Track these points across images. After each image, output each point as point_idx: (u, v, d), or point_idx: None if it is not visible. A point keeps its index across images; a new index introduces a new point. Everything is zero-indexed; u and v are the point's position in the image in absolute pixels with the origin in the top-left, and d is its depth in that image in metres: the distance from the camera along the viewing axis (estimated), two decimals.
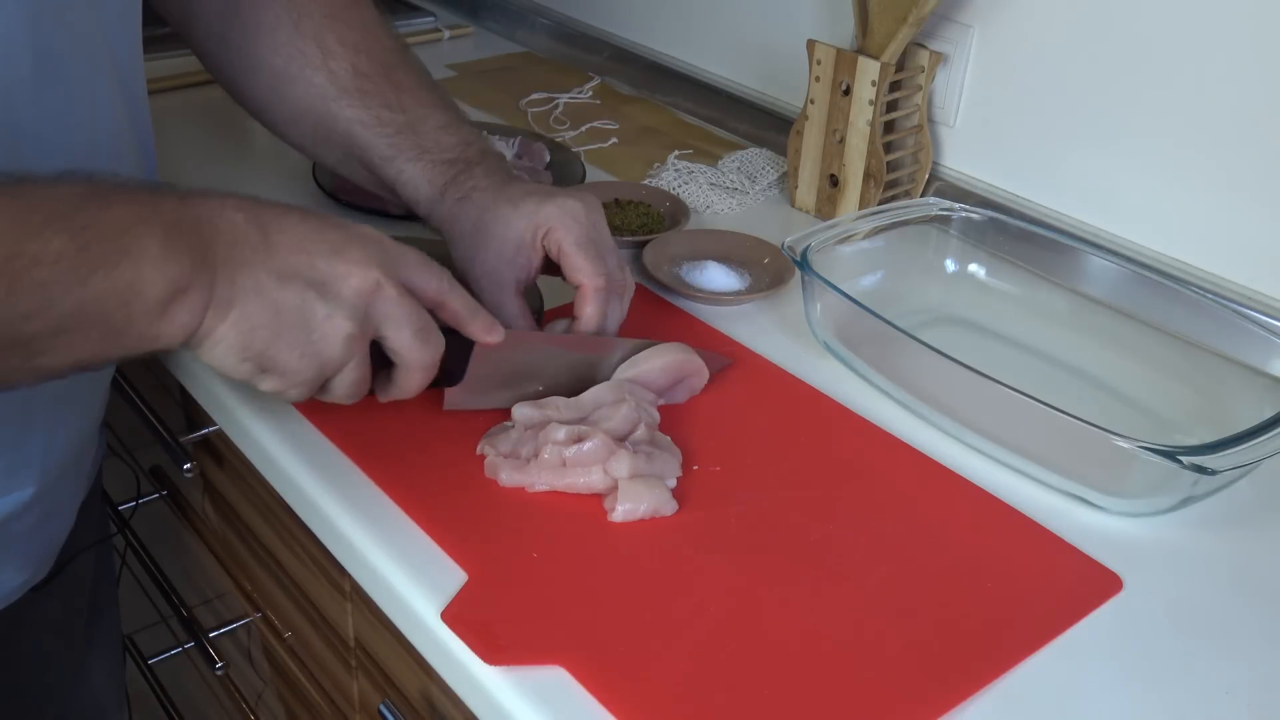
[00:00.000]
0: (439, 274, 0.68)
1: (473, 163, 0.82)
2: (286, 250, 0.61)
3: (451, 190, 0.80)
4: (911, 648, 0.62)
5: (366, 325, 0.64)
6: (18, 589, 0.78)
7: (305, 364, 0.63)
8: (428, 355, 0.66)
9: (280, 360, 0.62)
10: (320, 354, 0.63)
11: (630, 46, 1.41)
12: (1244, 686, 0.62)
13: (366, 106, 0.82)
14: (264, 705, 1.09)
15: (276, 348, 0.61)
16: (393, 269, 0.64)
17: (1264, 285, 0.90)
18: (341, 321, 0.62)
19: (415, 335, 0.65)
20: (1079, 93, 0.98)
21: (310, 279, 0.61)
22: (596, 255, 0.77)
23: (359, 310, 0.63)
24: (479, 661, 0.60)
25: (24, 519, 0.74)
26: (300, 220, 0.63)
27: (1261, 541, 0.73)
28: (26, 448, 0.72)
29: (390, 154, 0.82)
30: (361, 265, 0.63)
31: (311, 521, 0.73)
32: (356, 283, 0.62)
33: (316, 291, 0.62)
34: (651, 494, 0.69)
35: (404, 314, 0.64)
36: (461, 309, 0.69)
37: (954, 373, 0.74)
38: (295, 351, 0.62)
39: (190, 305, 0.58)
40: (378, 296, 0.63)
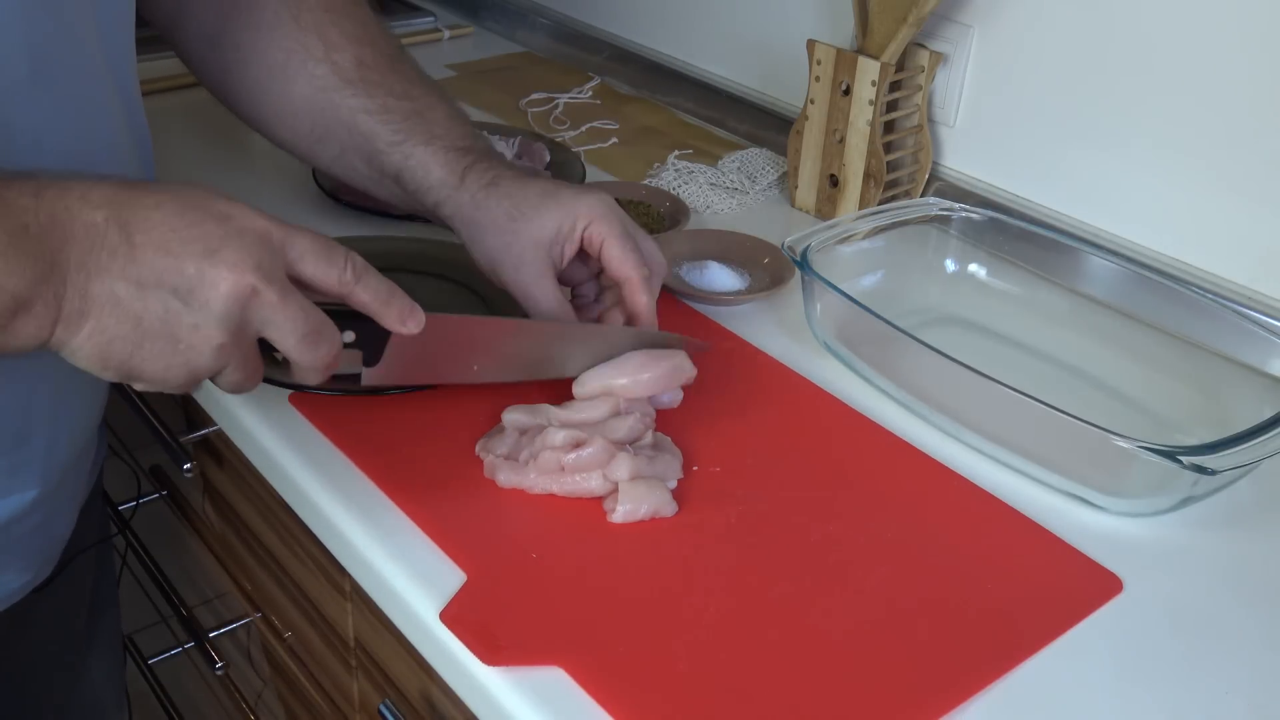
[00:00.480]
0: (341, 263, 0.62)
1: (486, 154, 0.81)
2: (151, 253, 0.56)
3: (473, 175, 0.79)
4: (911, 648, 0.62)
5: (243, 331, 0.59)
6: (19, 590, 0.78)
7: (174, 373, 0.58)
8: (319, 358, 0.61)
9: (145, 371, 0.58)
10: (189, 363, 0.58)
11: (630, 46, 1.41)
12: (1244, 686, 0.62)
13: (371, 95, 0.81)
14: (264, 705, 1.09)
15: (139, 359, 0.57)
16: (276, 268, 0.59)
17: (1264, 285, 0.90)
18: (211, 332, 0.57)
19: (301, 340, 0.60)
20: (1079, 92, 0.98)
21: (176, 286, 0.56)
22: (634, 247, 0.77)
23: (231, 318, 0.57)
24: (479, 662, 0.60)
25: (27, 520, 0.74)
26: (175, 214, 0.57)
27: (1261, 541, 0.73)
28: (28, 448, 0.72)
29: (397, 139, 0.80)
30: (235, 269, 0.57)
31: (311, 521, 0.73)
32: (227, 288, 0.57)
33: (182, 300, 0.56)
34: (652, 495, 0.69)
35: (286, 319, 0.59)
36: (370, 299, 0.64)
37: (954, 373, 0.74)
38: (160, 363, 0.57)
39: (36, 319, 0.54)
40: (253, 302, 0.58)
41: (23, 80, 0.61)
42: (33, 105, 0.62)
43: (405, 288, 0.90)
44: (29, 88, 0.62)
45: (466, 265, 0.92)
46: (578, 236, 0.77)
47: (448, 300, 0.90)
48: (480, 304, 0.89)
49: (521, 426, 0.73)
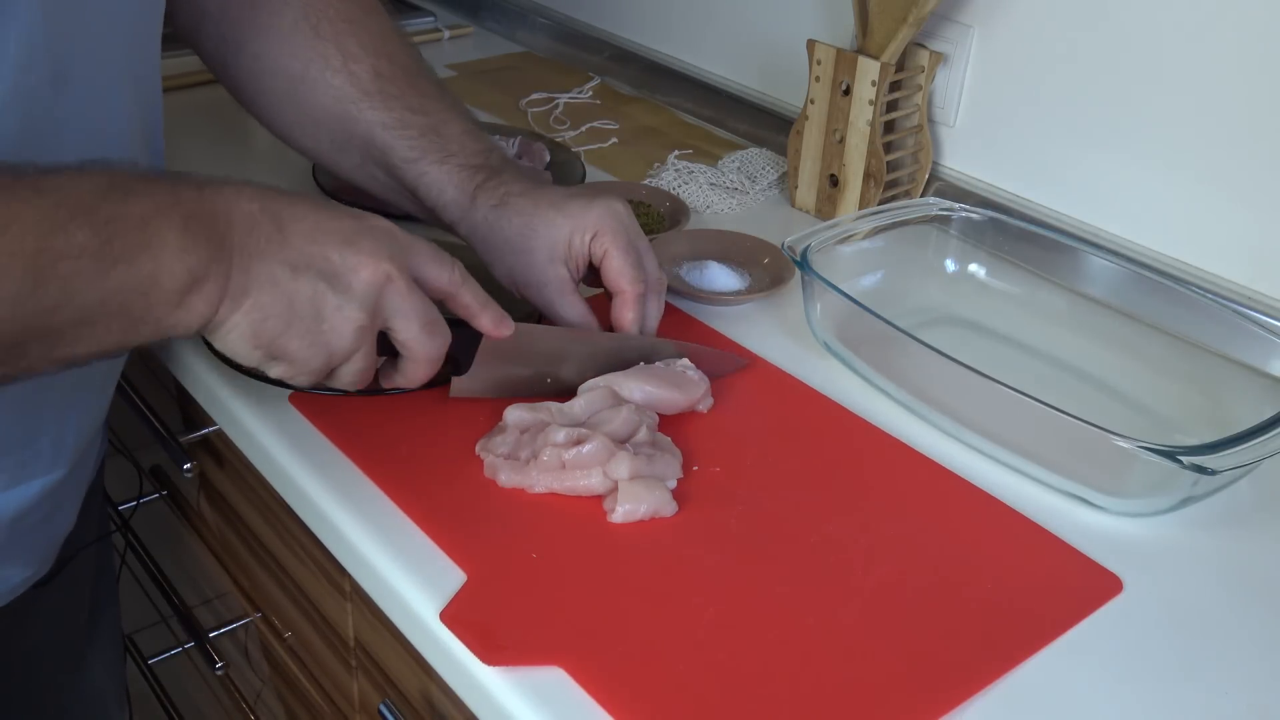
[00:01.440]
0: (450, 266, 0.68)
1: (498, 169, 0.82)
2: (300, 240, 0.62)
3: (484, 195, 0.80)
4: (911, 648, 0.62)
5: (376, 317, 0.65)
6: (20, 585, 0.78)
7: (314, 353, 0.63)
8: (434, 349, 0.67)
9: (290, 349, 0.63)
10: (329, 344, 0.63)
11: (630, 46, 1.41)
12: (1243, 686, 0.62)
13: (389, 108, 0.82)
14: (263, 705, 1.09)
15: (287, 337, 0.62)
16: (403, 261, 0.65)
17: (1264, 285, 0.90)
18: (352, 313, 0.63)
19: (423, 329, 0.66)
20: (1079, 93, 0.98)
21: (323, 270, 0.62)
22: (637, 261, 0.79)
23: (369, 302, 0.64)
24: (479, 662, 0.60)
25: (32, 514, 0.75)
26: (314, 210, 0.64)
27: (1261, 541, 0.73)
28: (38, 444, 0.72)
29: (413, 156, 0.81)
30: (373, 257, 0.63)
31: (311, 521, 0.73)
32: (368, 275, 0.63)
33: (328, 283, 0.62)
34: (652, 495, 0.69)
35: (412, 307, 0.65)
36: (472, 301, 0.70)
37: (954, 373, 0.74)
38: (305, 341, 0.63)
39: (207, 295, 0.59)
40: (388, 289, 0.64)
41: (45, 80, 0.62)
42: (55, 109, 0.63)
43: None
44: (52, 94, 0.63)
45: (466, 265, 0.92)
46: (587, 247, 0.78)
47: None
48: None
49: (524, 425, 0.73)
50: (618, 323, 0.79)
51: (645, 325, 0.80)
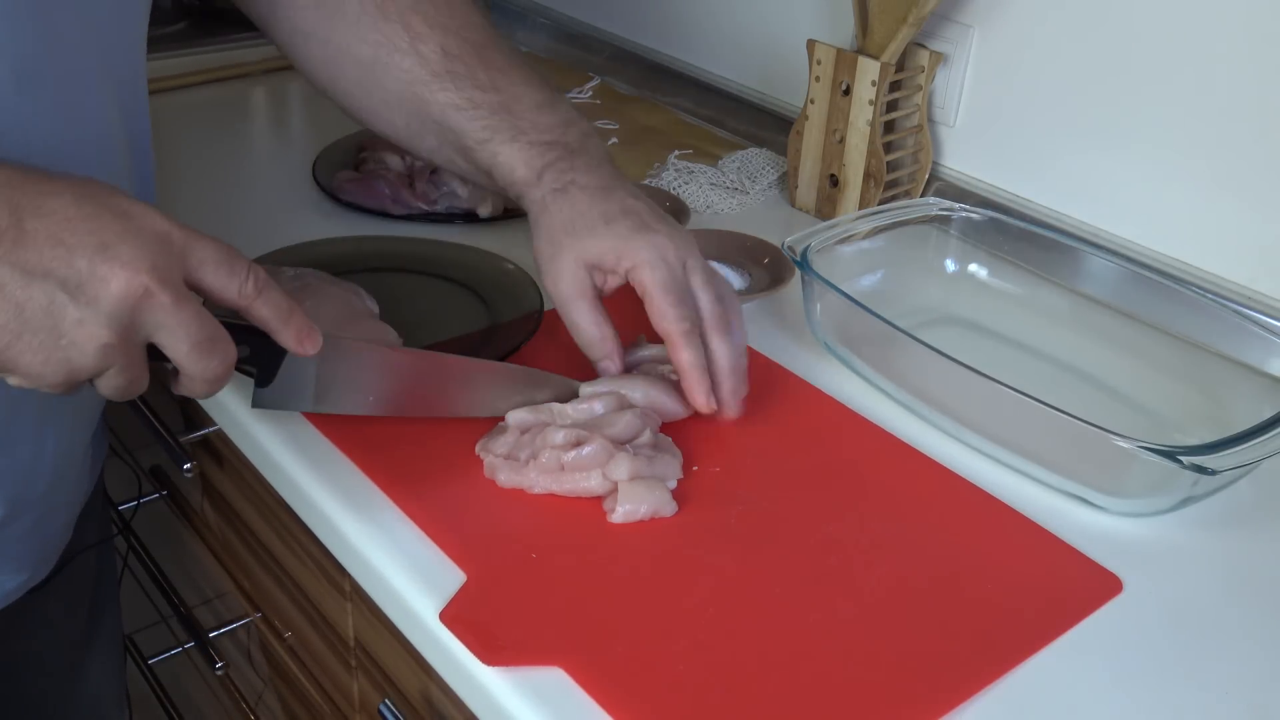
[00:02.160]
0: (242, 274, 0.60)
1: (574, 150, 0.79)
2: (41, 241, 0.54)
3: (550, 175, 0.77)
4: (911, 648, 0.62)
5: (131, 333, 0.56)
6: (15, 590, 0.78)
7: (51, 369, 0.56)
8: (210, 369, 0.59)
9: (21, 363, 0.55)
10: (70, 360, 0.55)
11: (630, 46, 1.41)
12: (1243, 686, 0.62)
13: (459, 89, 0.79)
14: (264, 705, 1.09)
15: (16, 350, 0.54)
16: (173, 271, 0.56)
17: (1264, 285, 0.90)
18: (95, 330, 0.55)
19: (193, 349, 0.58)
20: (1079, 92, 0.98)
21: (64, 278, 0.54)
22: (680, 300, 0.74)
23: (119, 318, 0.55)
24: (478, 662, 0.60)
25: (17, 522, 0.74)
26: (71, 204, 0.55)
27: (1261, 541, 0.73)
28: (12, 454, 0.71)
29: (485, 136, 0.79)
30: (129, 268, 0.54)
31: (311, 521, 0.73)
32: (118, 287, 0.54)
33: (69, 294, 0.54)
34: (652, 495, 0.69)
35: (179, 324, 0.57)
36: (269, 315, 0.61)
37: (954, 373, 0.74)
38: (39, 356, 0.55)
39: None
40: (145, 304, 0.55)
41: (8, 87, 0.61)
42: (19, 110, 0.62)
43: (405, 288, 0.91)
44: (14, 94, 0.61)
45: (467, 265, 0.92)
46: (621, 272, 0.75)
47: (447, 300, 0.90)
48: (480, 304, 0.89)
49: (524, 425, 0.73)
50: (677, 365, 0.74)
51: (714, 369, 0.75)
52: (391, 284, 0.90)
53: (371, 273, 0.91)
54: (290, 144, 1.20)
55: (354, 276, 0.87)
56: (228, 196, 1.08)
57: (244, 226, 1.01)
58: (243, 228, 1.01)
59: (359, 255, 0.94)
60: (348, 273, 0.89)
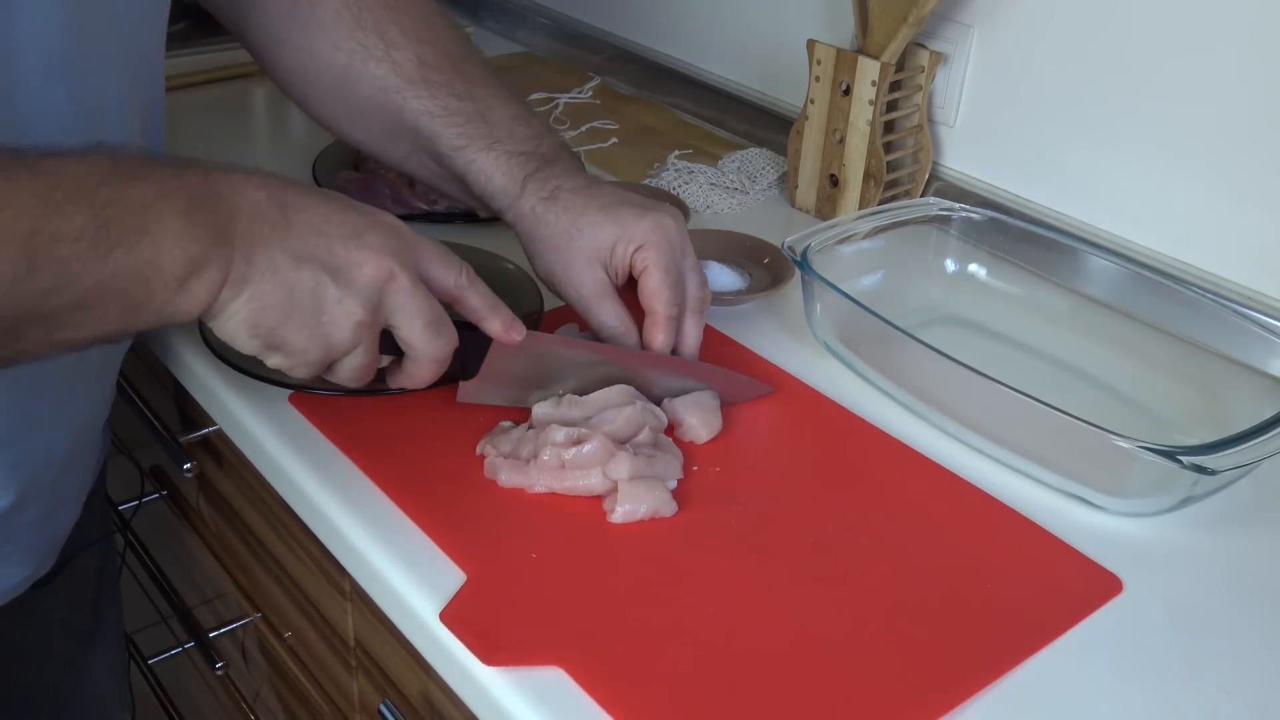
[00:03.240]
0: (458, 267, 0.68)
1: (550, 159, 0.80)
2: (305, 231, 0.62)
3: (534, 185, 0.78)
4: (911, 649, 0.62)
5: (378, 313, 0.64)
6: (20, 584, 0.78)
7: (312, 345, 0.63)
8: (438, 349, 0.67)
9: (288, 339, 0.63)
10: (328, 337, 0.63)
11: (630, 46, 1.41)
12: (1243, 686, 0.62)
13: (433, 96, 0.81)
14: (264, 705, 1.09)
15: (286, 327, 0.62)
16: (409, 259, 0.65)
17: (1264, 285, 0.90)
18: (352, 307, 0.63)
19: (426, 328, 0.66)
20: (1079, 92, 0.98)
21: (325, 262, 0.62)
22: (676, 283, 0.77)
23: (371, 298, 0.63)
24: (478, 662, 0.60)
25: (27, 512, 0.75)
26: (322, 201, 0.64)
27: (1261, 541, 0.73)
28: (26, 444, 0.72)
29: (460, 143, 0.80)
30: (377, 253, 0.63)
31: (311, 521, 0.73)
32: (371, 270, 0.63)
33: (330, 276, 0.62)
34: (651, 495, 0.69)
35: (416, 305, 0.65)
36: (480, 305, 0.69)
37: (954, 373, 0.74)
38: (304, 332, 0.62)
39: (207, 281, 0.59)
40: (391, 286, 0.64)
41: (35, 77, 0.62)
42: (45, 101, 0.63)
43: None
44: (41, 84, 0.63)
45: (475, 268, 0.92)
46: (629, 258, 0.76)
47: None
48: None
49: (545, 420, 0.72)
50: (648, 343, 0.77)
51: (681, 347, 0.79)
52: None
53: None
54: (290, 144, 1.20)
55: None
56: None
57: None
58: None
59: None
60: None
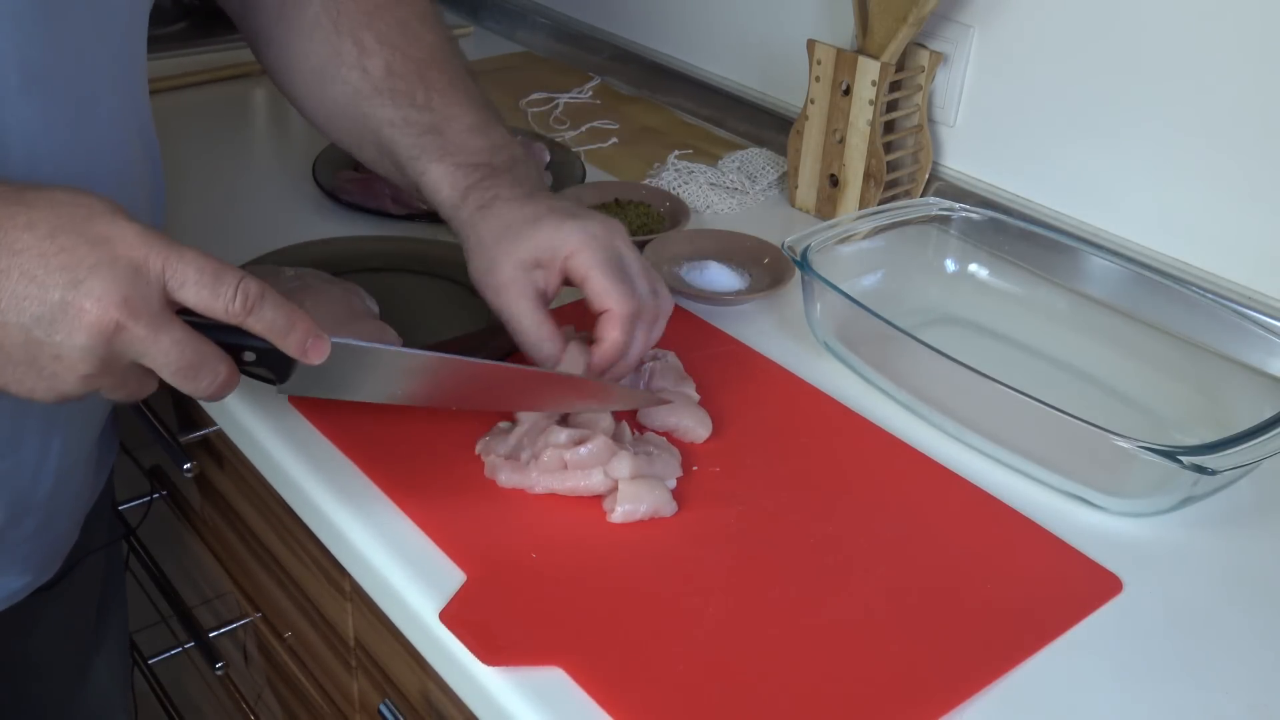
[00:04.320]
0: (228, 293, 0.58)
1: (499, 170, 0.79)
2: (15, 279, 0.54)
3: (473, 196, 0.77)
4: (911, 648, 0.62)
5: (112, 360, 0.56)
6: (20, 590, 0.78)
7: (40, 393, 0.57)
8: (199, 389, 0.59)
9: (10, 389, 0.57)
10: (55, 387, 0.56)
11: (630, 46, 1.41)
12: (1243, 686, 0.62)
13: (396, 105, 0.81)
14: (264, 705, 1.09)
15: (3, 380, 0.56)
16: (149, 301, 0.56)
17: (1264, 285, 0.90)
18: (74, 363, 0.55)
19: (177, 373, 0.58)
20: (1079, 92, 0.98)
21: (39, 315, 0.54)
22: (622, 279, 0.73)
23: (95, 350, 0.55)
24: (478, 662, 0.60)
25: (21, 525, 0.74)
26: (45, 237, 0.55)
27: (1261, 541, 0.73)
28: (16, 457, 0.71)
29: (414, 154, 0.80)
30: (100, 302, 0.54)
31: (311, 521, 0.73)
32: (91, 321, 0.54)
33: (44, 329, 0.54)
34: (652, 495, 0.69)
35: (159, 352, 0.56)
36: (266, 330, 0.60)
37: (954, 373, 0.74)
38: (25, 386, 0.56)
39: None
40: (120, 336, 0.55)
41: (13, 89, 0.61)
42: (25, 112, 0.62)
43: (405, 288, 0.91)
44: (20, 95, 0.62)
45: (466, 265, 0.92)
46: (559, 265, 0.73)
47: (447, 300, 0.90)
48: (480, 305, 0.88)
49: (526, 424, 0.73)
50: (600, 337, 0.73)
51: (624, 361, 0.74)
52: (391, 284, 0.90)
53: (371, 273, 0.91)
54: (290, 144, 1.20)
55: (354, 276, 0.87)
56: (228, 197, 1.08)
57: (244, 227, 1.01)
58: (243, 228, 1.01)
59: (359, 255, 0.94)
60: (348, 273, 0.89)
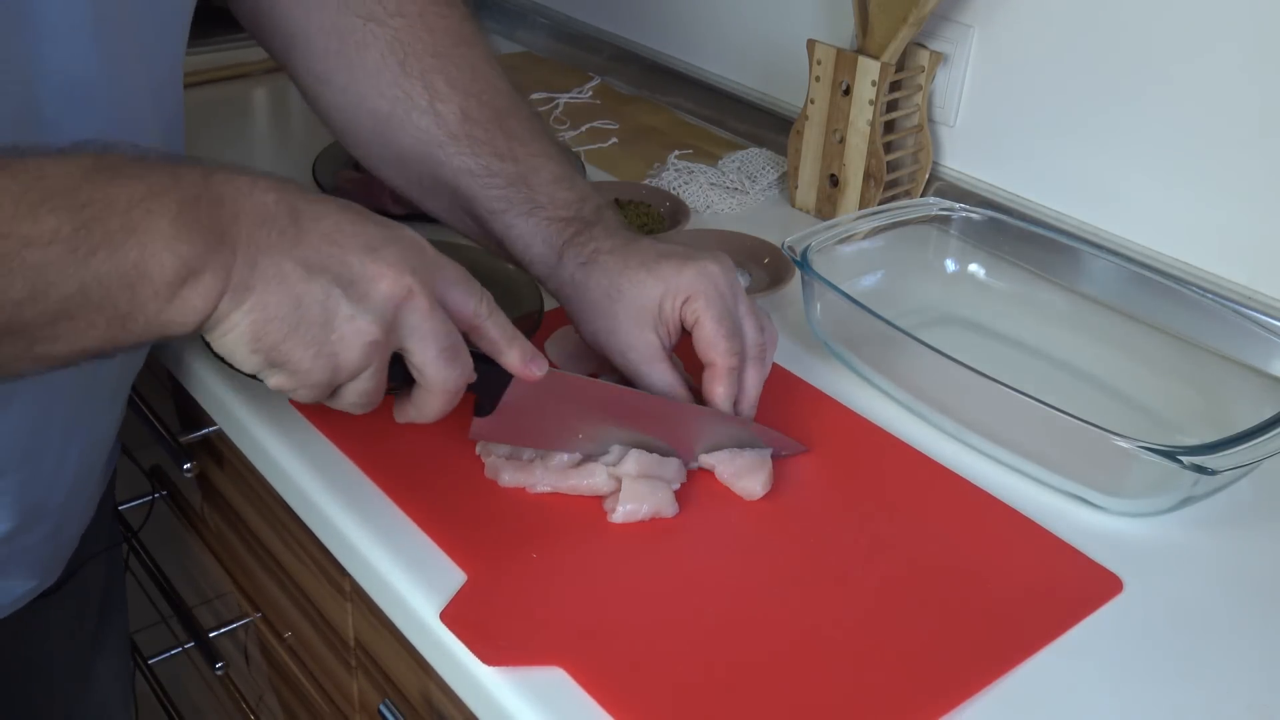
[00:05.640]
0: (478, 294, 0.63)
1: (590, 222, 0.76)
2: (318, 239, 0.57)
3: (571, 252, 0.74)
4: (911, 648, 0.62)
5: (391, 334, 0.59)
6: (26, 594, 0.78)
7: (319, 364, 0.58)
8: (452, 378, 0.61)
9: (293, 356, 0.57)
10: (336, 355, 0.57)
11: (630, 46, 1.41)
12: (1244, 686, 0.62)
13: (476, 155, 0.77)
14: (264, 705, 1.09)
15: (291, 343, 0.56)
16: (429, 279, 0.60)
17: (1264, 285, 0.90)
18: (365, 325, 0.57)
19: (441, 354, 0.60)
20: (1079, 92, 0.98)
21: (339, 275, 0.57)
22: (733, 331, 0.72)
23: (386, 316, 0.58)
24: (479, 662, 0.60)
25: (34, 531, 0.74)
26: (338, 210, 0.59)
27: (1261, 541, 0.73)
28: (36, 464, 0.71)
29: (499, 207, 0.76)
30: (396, 269, 0.58)
31: (311, 521, 0.73)
32: (387, 286, 0.57)
33: (343, 289, 0.57)
34: (654, 495, 0.69)
35: (432, 329, 0.59)
36: (499, 336, 0.64)
37: (954, 373, 0.74)
38: (310, 350, 0.57)
39: (204, 289, 0.53)
40: (407, 305, 0.58)
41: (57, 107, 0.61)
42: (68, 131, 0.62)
43: None
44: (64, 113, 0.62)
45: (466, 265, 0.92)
46: (678, 313, 0.72)
47: None
48: None
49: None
50: (708, 396, 0.73)
51: (741, 402, 0.74)
52: None
53: None
54: (290, 144, 1.20)
55: None
56: None
57: None
58: None
59: None
60: None
